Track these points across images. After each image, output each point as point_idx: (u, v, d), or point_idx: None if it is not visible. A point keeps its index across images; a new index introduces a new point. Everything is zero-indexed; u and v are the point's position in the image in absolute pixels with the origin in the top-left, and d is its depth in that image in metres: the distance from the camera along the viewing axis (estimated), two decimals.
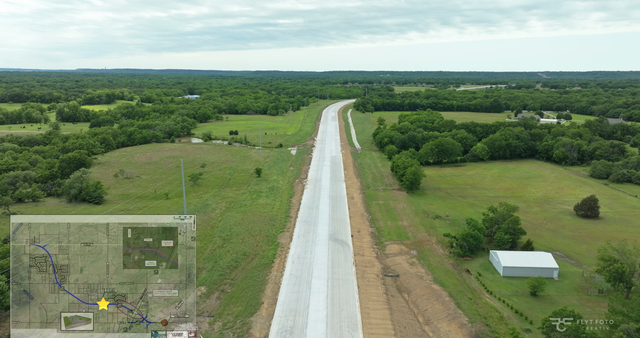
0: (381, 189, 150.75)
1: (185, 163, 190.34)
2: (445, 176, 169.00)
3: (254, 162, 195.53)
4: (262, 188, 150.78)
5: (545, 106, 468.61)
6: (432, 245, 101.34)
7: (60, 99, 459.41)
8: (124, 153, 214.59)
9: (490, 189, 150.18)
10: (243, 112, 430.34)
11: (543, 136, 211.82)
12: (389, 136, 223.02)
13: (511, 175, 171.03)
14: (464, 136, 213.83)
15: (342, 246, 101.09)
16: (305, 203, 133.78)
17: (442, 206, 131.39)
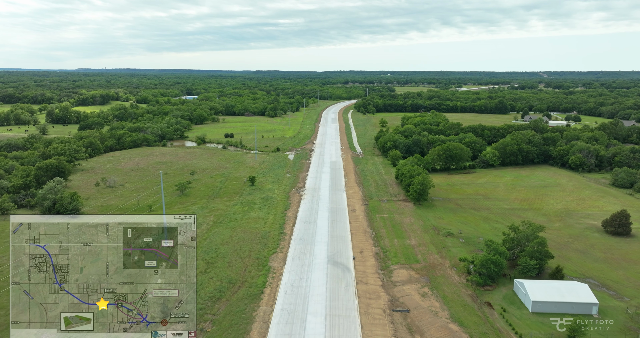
0: (385, 200, 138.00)
1: (174, 169, 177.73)
2: (454, 185, 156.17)
3: (249, 168, 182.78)
4: (256, 199, 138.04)
5: (552, 107, 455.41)
6: (446, 270, 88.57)
7: (53, 100, 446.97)
8: (111, 158, 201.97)
9: (505, 200, 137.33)
10: (240, 113, 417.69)
11: (557, 140, 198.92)
12: (393, 140, 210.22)
13: (525, 183, 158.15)
14: (472, 140, 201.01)
15: (343, 271, 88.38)
16: (301, 217, 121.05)
17: (453, 220, 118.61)
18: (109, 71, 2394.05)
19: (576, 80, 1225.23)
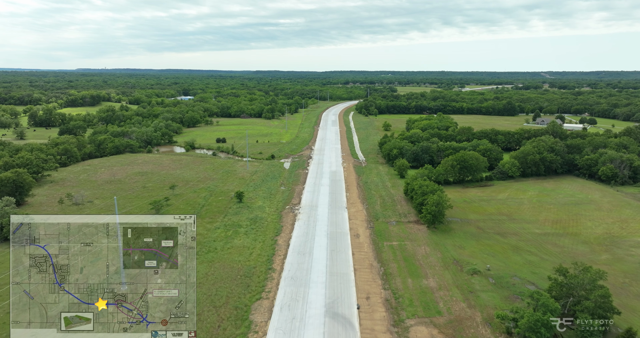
0: (394, 221, 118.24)
1: (154, 181, 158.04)
2: (471, 201, 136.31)
3: (238, 180, 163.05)
4: (242, 220, 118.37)
5: (562, 109, 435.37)
6: (478, 327, 68.75)
7: (41, 101, 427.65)
8: (87, 167, 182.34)
9: (534, 223, 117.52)
10: (236, 115, 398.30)
11: (582, 147, 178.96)
12: (399, 147, 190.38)
13: (553, 200, 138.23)
14: (488, 147, 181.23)
15: (345, 328, 68.65)
16: (295, 245, 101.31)
17: (477, 250, 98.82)
18: (108, 71, 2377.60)
19: (580, 80, 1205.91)
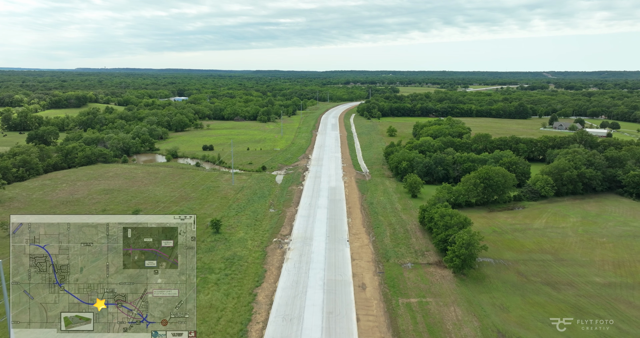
0: (409, 263, 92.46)
1: (118, 202, 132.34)
2: (503, 232, 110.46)
3: (220, 199, 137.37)
4: (216, 260, 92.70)
5: (578, 112, 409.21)
6: None
7: (22, 102, 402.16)
8: (47, 182, 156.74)
9: (589, 265, 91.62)
10: (230, 118, 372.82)
11: (624, 160, 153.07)
12: (408, 158, 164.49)
13: (603, 230, 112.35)
14: (512, 160, 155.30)
15: None
16: (280, 304, 75.57)
17: (525, 313, 73.00)
18: (107, 70, 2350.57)
19: (585, 80, 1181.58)
